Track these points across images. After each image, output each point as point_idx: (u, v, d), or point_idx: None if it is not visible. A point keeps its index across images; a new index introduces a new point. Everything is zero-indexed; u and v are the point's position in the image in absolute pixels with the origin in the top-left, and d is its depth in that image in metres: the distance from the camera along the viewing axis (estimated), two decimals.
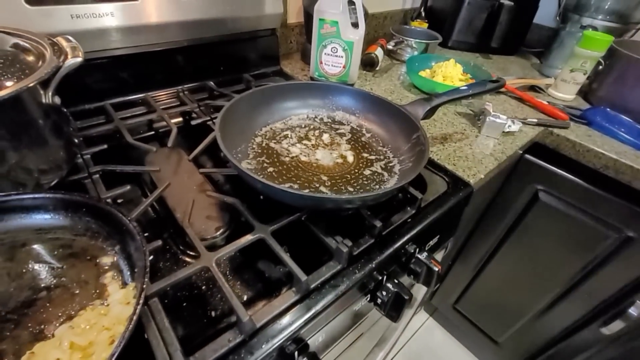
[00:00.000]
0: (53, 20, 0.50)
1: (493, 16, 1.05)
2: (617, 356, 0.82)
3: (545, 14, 1.12)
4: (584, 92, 0.89)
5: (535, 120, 0.74)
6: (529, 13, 1.09)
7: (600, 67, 0.82)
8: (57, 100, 0.40)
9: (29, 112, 0.36)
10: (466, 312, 1.20)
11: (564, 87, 0.85)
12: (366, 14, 0.80)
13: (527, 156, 0.80)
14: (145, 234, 0.41)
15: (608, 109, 0.78)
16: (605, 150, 0.68)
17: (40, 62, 0.38)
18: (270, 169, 0.48)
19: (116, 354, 0.22)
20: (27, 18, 0.48)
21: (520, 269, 0.96)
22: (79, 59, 0.39)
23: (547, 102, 0.80)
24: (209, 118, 0.60)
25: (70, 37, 0.42)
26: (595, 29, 0.90)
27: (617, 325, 0.76)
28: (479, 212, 0.95)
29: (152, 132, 0.60)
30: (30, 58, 0.39)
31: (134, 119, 0.58)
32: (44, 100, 0.38)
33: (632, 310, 0.73)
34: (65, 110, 0.45)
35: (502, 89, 0.86)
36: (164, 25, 0.60)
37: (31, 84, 0.33)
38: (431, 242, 0.52)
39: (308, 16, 0.82)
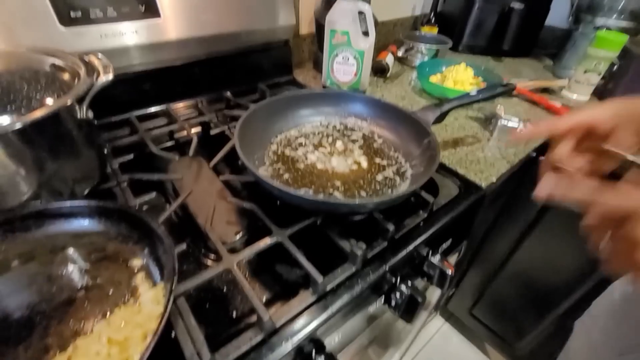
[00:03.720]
0: (84, 40, 0.54)
1: (504, 19, 1.05)
2: None
3: (558, 15, 1.11)
4: (599, 93, 0.88)
5: None
6: (540, 15, 1.08)
7: (615, 67, 0.81)
8: (91, 114, 0.43)
9: (66, 127, 0.39)
10: (483, 318, 1.19)
11: (578, 88, 0.84)
12: (376, 22, 0.82)
13: (542, 158, 0.80)
14: None
15: None
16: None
17: (76, 80, 0.42)
18: (286, 176, 0.50)
19: (151, 347, 0.24)
20: (61, 38, 0.52)
21: (537, 273, 0.95)
22: (110, 76, 0.43)
23: (561, 104, 0.80)
24: (226, 127, 0.62)
25: (101, 55, 0.46)
26: (608, 29, 0.89)
27: None
28: (493, 214, 0.95)
29: (174, 142, 0.63)
30: (66, 76, 0.42)
31: (157, 129, 0.61)
32: (79, 116, 0.41)
33: None
34: (96, 122, 0.48)
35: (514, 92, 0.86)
36: (183, 41, 0.64)
37: (69, 102, 0.37)
38: (444, 245, 0.53)
39: (319, 26, 0.85)
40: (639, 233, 0.24)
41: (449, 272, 0.47)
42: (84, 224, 0.37)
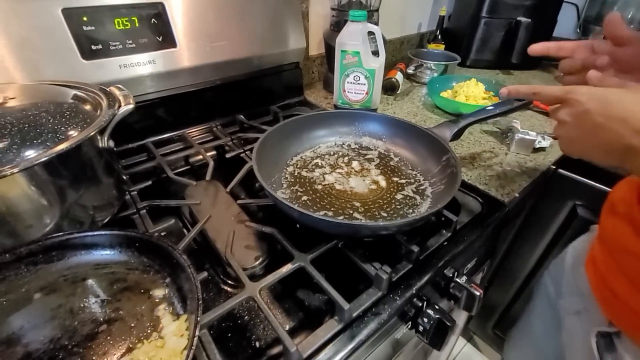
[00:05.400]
0: (104, 71, 0.55)
1: (511, 34, 1.05)
2: None
3: (565, 26, 1.12)
4: None
5: None
6: (548, 27, 1.09)
7: None
8: (112, 143, 0.44)
9: (89, 157, 0.40)
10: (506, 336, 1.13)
11: None
12: (385, 41, 0.83)
13: (561, 171, 0.78)
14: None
15: None
16: None
17: (98, 111, 0.42)
18: (305, 198, 0.49)
19: None
20: (82, 70, 0.53)
21: None
22: (131, 106, 0.43)
23: None
24: (241, 150, 0.63)
25: (122, 87, 0.47)
26: None
27: None
28: (515, 229, 0.92)
29: (190, 166, 0.63)
30: (88, 107, 0.43)
31: (173, 154, 0.62)
32: (100, 145, 0.42)
33: None
34: (115, 149, 0.49)
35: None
36: (198, 67, 0.65)
37: (92, 133, 0.37)
38: (469, 265, 0.51)
39: (329, 47, 0.86)
40: (557, 114, 0.38)
41: (478, 293, 0.45)
42: (105, 253, 0.37)
